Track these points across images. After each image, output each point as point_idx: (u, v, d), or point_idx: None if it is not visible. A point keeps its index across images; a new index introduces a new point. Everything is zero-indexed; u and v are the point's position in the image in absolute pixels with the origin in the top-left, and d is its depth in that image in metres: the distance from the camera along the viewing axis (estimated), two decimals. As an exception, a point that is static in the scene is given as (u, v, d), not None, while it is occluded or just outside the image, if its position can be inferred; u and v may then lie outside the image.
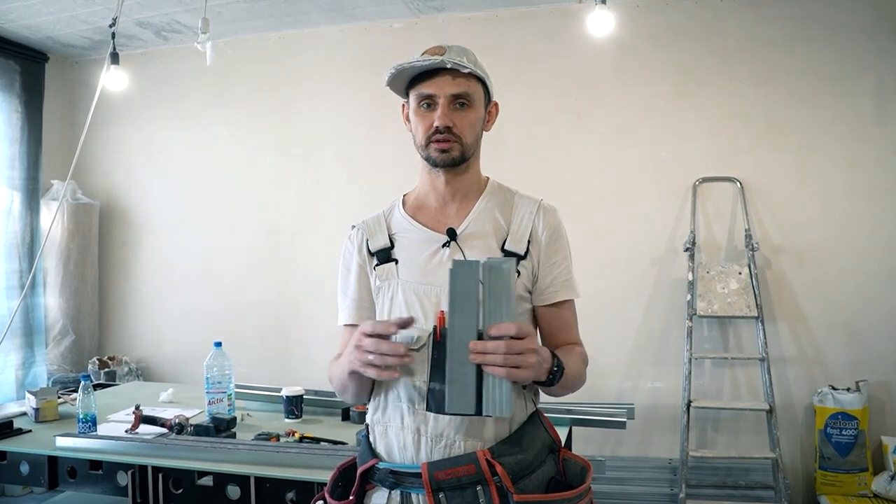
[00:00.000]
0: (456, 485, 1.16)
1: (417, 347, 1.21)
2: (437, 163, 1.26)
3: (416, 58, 1.24)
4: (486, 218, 1.29)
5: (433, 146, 1.25)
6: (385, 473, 1.22)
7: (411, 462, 1.20)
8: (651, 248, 3.36)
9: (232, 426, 2.24)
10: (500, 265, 1.06)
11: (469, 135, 1.26)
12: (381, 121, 3.64)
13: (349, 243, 1.36)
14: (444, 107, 1.23)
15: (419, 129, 1.26)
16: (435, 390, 1.18)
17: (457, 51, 1.25)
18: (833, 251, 3.15)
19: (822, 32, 3.14)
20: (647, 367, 3.35)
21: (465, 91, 1.23)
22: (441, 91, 1.22)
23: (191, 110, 4.01)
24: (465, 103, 1.24)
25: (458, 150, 1.25)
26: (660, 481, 3.21)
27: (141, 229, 4.13)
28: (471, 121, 1.26)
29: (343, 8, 3.49)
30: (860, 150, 3.12)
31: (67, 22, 3.56)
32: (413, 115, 1.27)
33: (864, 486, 2.95)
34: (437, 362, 1.19)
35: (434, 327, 1.20)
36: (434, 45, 1.27)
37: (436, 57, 1.21)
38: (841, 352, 3.14)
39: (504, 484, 1.14)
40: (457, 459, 1.17)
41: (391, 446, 1.23)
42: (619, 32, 3.16)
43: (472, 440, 1.18)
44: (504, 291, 1.06)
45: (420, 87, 1.24)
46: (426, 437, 1.19)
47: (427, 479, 1.16)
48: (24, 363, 3.75)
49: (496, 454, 1.16)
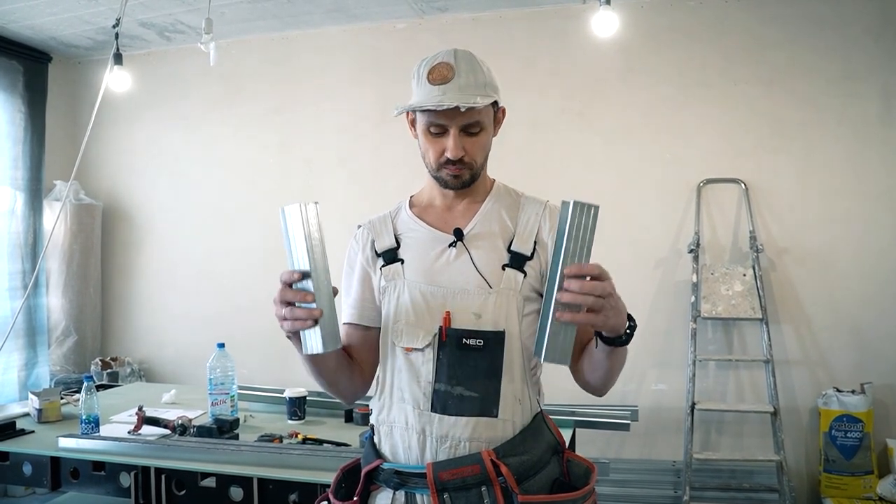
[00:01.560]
0: (461, 485, 1.15)
1: (422, 347, 1.20)
2: (447, 185, 1.26)
3: (423, 78, 1.20)
4: (493, 218, 1.29)
5: (445, 170, 1.24)
6: (389, 474, 1.22)
7: (416, 462, 1.19)
8: (655, 249, 3.35)
9: (235, 427, 2.24)
10: (590, 207, 1.03)
11: (479, 158, 1.26)
12: (384, 122, 3.64)
13: (354, 243, 1.35)
14: (455, 137, 1.20)
15: (430, 153, 1.24)
16: (440, 391, 1.18)
17: (465, 71, 1.20)
18: (838, 253, 3.14)
19: (827, 34, 3.13)
20: (651, 369, 3.34)
21: (476, 119, 1.22)
22: (452, 122, 1.20)
23: (194, 111, 4.01)
24: (475, 131, 1.23)
25: (468, 175, 1.25)
26: (663, 484, 3.20)
27: (144, 230, 4.13)
28: (482, 144, 1.25)
29: (346, 8, 3.49)
30: (865, 152, 3.11)
31: (70, 22, 3.56)
32: (422, 137, 1.26)
33: (869, 489, 2.93)
34: (442, 363, 1.19)
35: (439, 328, 1.19)
36: (440, 61, 1.20)
37: (447, 87, 1.18)
38: (845, 354, 3.13)
39: (509, 485, 1.14)
40: (462, 460, 1.16)
41: (396, 447, 1.23)
42: (623, 33, 3.14)
43: (477, 441, 1.17)
44: (588, 234, 1.03)
45: (430, 116, 1.21)
46: (431, 437, 1.19)
47: (432, 480, 1.15)
48: (27, 364, 3.75)
49: (501, 455, 1.16)
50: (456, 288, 1.22)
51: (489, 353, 1.18)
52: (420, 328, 1.21)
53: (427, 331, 1.20)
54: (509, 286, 1.21)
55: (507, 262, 1.23)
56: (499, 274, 1.22)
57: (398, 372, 1.23)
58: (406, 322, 1.22)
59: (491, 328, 1.19)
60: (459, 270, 1.23)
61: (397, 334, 1.23)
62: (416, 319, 1.21)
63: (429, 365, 1.19)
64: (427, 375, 1.19)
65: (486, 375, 1.18)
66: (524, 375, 1.22)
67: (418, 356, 1.21)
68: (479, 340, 1.18)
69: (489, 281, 1.21)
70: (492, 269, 1.22)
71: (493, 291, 1.21)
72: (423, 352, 1.20)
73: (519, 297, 1.21)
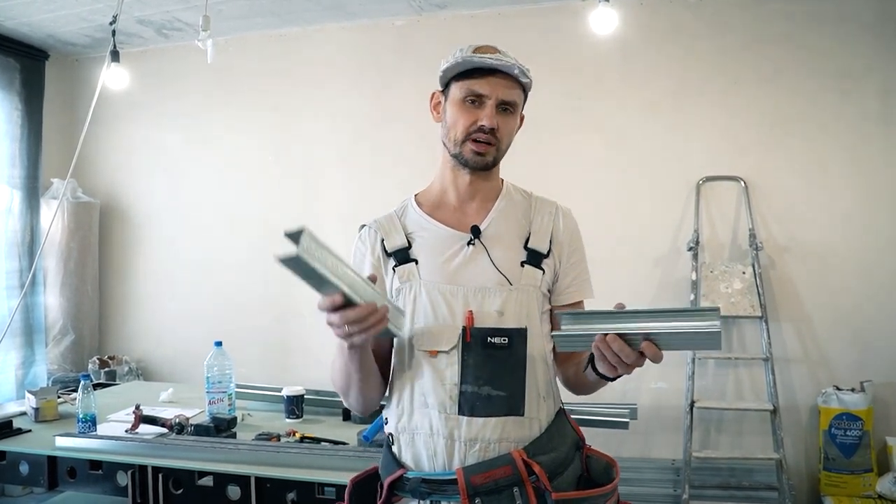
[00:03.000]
0: (493, 488, 1.13)
1: (448, 349, 1.17)
2: (468, 163, 1.24)
3: (469, 55, 1.20)
4: (508, 217, 1.28)
5: (470, 145, 1.22)
6: (416, 483, 1.18)
7: (443, 469, 1.16)
8: (654, 247, 3.34)
9: (232, 426, 2.23)
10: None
11: (506, 141, 1.26)
12: (383, 119, 3.63)
13: (360, 244, 1.31)
14: (492, 108, 1.21)
15: (459, 123, 1.22)
16: (467, 392, 1.15)
17: (511, 54, 1.23)
18: (838, 251, 3.13)
19: (827, 30, 3.12)
20: (650, 367, 3.28)
21: (514, 99, 1.23)
22: (494, 92, 1.20)
23: (191, 108, 4.00)
24: (510, 110, 1.23)
25: (492, 155, 1.24)
26: (663, 482, 3.19)
27: (141, 228, 4.12)
28: (511, 128, 1.26)
29: (344, 5, 3.48)
30: (865, 149, 3.10)
31: (68, 19, 3.55)
32: (454, 108, 1.23)
33: (868, 487, 2.93)
34: (467, 363, 1.16)
35: (463, 328, 1.17)
36: (484, 44, 1.24)
37: (507, 58, 1.20)
38: (845, 352, 3.12)
39: (542, 483, 1.12)
40: (493, 462, 1.14)
41: (419, 455, 1.19)
42: (622, 30, 3.14)
43: (507, 441, 1.15)
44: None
45: (472, 83, 1.21)
46: (460, 441, 1.15)
47: (463, 485, 1.12)
48: (24, 362, 3.73)
49: (531, 454, 1.14)
50: (476, 286, 1.20)
51: (513, 350, 1.17)
52: (443, 330, 1.18)
53: (451, 332, 1.17)
54: (529, 283, 1.21)
55: (525, 259, 1.23)
56: (518, 271, 1.22)
57: (418, 376, 1.19)
58: (426, 324, 1.19)
59: (514, 325, 1.18)
60: (478, 268, 1.21)
61: (418, 338, 1.20)
62: (437, 320, 1.19)
63: (454, 367, 1.16)
64: (452, 377, 1.16)
65: (512, 373, 1.17)
66: (547, 371, 1.22)
67: (442, 358, 1.17)
68: (503, 338, 1.17)
69: (509, 278, 1.20)
70: (511, 267, 1.22)
71: (514, 288, 1.20)
72: (448, 354, 1.17)
73: (539, 293, 1.22)
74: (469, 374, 1.16)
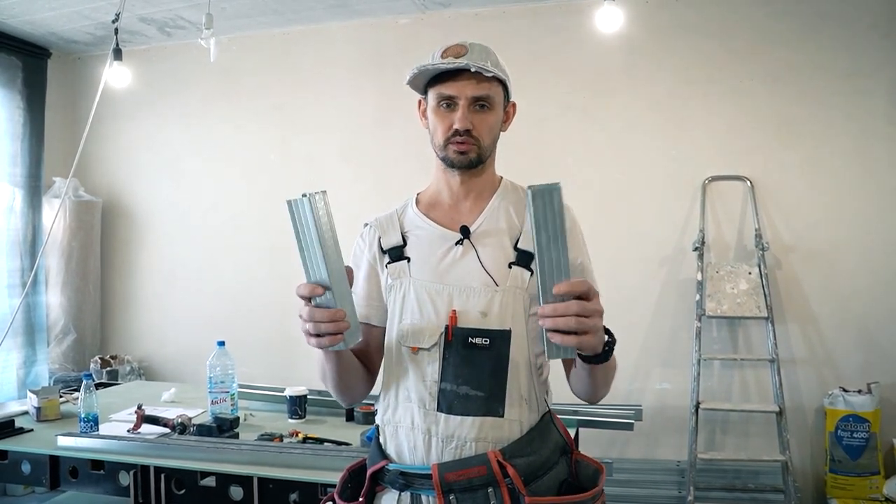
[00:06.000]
0: (467, 486, 1.14)
1: (429, 347, 1.18)
2: (454, 164, 1.25)
3: (437, 59, 1.21)
4: (500, 216, 1.27)
5: (451, 147, 1.23)
6: (395, 475, 1.20)
7: (422, 463, 1.17)
8: (659, 247, 3.32)
9: (235, 426, 2.22)
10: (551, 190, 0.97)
11: (487, 137, 1.24)
12: (387, 118, 3.61)
13: (361, 241, 1.33)
14: (465, 109, 1.21)
15: (438, 129, 1.24)
16: (446, 390, 1.17)
17: (479, 51, 1.22)
18: (844, 251, 3.11)
19: (834, 29, 3.10)
20: (656, 368, 3.32)
21: (487, 94, 1.21)
22: (462, 93, 1.20)
23: (194, 107, 3.99)
24: (486, 105, 1.22)
25: (475, 153, 1.24)
26: (668, 484, 3.18)
27: (144, 227, 4.11)
28: (490, 123, 1.24)
29: (348, 4, 3.47)
30: (872, 149, 3.08)
31: (70, 17, 3.54)
32: (432, 115, 1.25)
33: (875, 489, 2.91)
34: (448, 362, 1.18)
35: (445, 326, 1.18)
36: (454, 43, 1.23)
37: (460, 60, 1.19)
38: (852, 353, 3.10)
39: (516, 486, 1.12)
40: (468, 461, 1.14)
41: (401, 447, 1.21)
42: (627, 29, 3.12)
43: (484, 441, 1.16)
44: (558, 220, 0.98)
45: (440, 88, 1.22)
46: (437, 437, 1.17)
47: (437, 481, 1.13)
48: (26, 362, 3.73)
49: (508, 455, 1.14)
50: (462, 286, 1.20)
51: (495, 352, 1.17)
52: (426, 327, 1.19)
53: (433, 330, 1.18)
54: (515, 284, 1.20)
55: (514, 259, 1.22)
56: (505, 272, 1.21)
57: (403, 371, 1.21)
58: (412, 321, 1.21)
59: (497, 327, 1.18)
60: (466, 268, 1.22)
61: (403, 334, 1.21)
62: (422, 318, 1.20)
63: (435, 364, 1.18)
64: (433, 374, 1.18)
65: (492, 374, 1.17)
66: (530, 375, 1.21)
67: (424, 355, 1.19)
68: (485, 339, 1.17)
69: (495, 279, 1.20)
70: (498, 267, 1.21)
71: (500, 290, 1.19)
72: (429, 351, 1.18)
73: (525, 295, 1.20)
74: (449, 372, 1.17)
